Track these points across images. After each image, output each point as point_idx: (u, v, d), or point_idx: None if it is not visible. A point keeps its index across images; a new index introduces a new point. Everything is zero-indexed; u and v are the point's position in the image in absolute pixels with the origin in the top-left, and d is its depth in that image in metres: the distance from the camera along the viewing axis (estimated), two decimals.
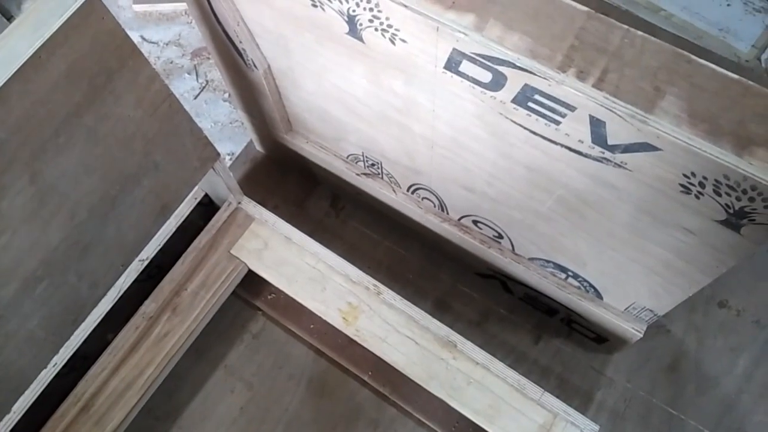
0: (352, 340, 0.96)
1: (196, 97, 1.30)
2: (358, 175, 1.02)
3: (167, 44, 1.35)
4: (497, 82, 0.61)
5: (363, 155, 0.97)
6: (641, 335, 0.91)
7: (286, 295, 1.01)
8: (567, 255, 0.86)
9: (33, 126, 0.62)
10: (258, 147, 1.20)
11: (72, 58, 0.62)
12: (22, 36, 0.59)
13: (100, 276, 0.78)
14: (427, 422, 0.98)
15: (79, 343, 0.86)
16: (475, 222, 0.94)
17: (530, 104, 0.61)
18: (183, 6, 1.37)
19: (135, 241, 0.81)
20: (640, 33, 0.57)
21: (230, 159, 1.22)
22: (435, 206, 0.97)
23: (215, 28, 0.83)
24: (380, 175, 1.00)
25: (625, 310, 0.89)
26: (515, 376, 0.89)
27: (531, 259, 0.94)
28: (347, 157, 1.01)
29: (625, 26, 0.57)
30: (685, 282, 0.73)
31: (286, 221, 1.02)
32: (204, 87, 1.30)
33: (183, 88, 1.30)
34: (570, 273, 0.90)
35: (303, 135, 1.04)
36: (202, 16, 0.82)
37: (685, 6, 1.18)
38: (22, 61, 0.58)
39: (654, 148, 0.56)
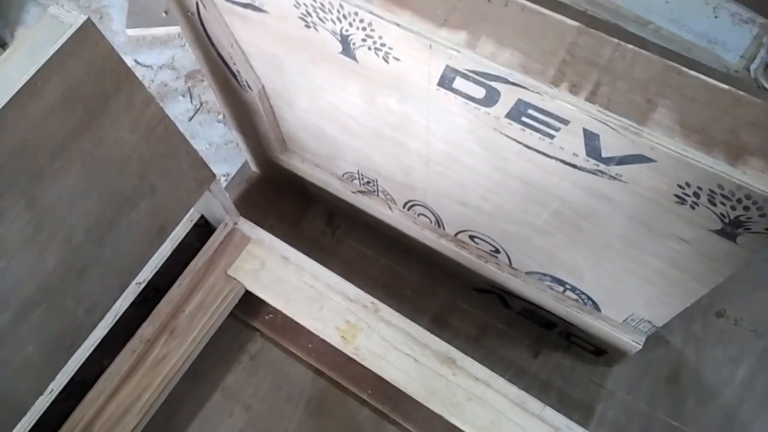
0: (350, 358, 0.96)
1: (190, 119, 1.30)
2: (353, 192, 1.02)
3: (161, 67, 1.35)
4: (491, 98, 0.61)
5: (358, 173, 0.97)
6: (640, 347, 0.91)
7: (284, 315, 1.00)
8: (564, 268, 0.86)
9: (29, 151, 0.62)
10: (253, 167, 1.21)
11: (67, 84, 0.62)
12: (17, 63, 0.59)
13: (97, 299, 0.78)
14: None
15: (76, 368, 0.85)
16: (471, 237, 0.94)
17: (524, 119, 0.61)
18: (176, 29, 1.38)
19: (132, 264, 0.81)
20: (630, 46, 0.57)
21: (226, 180, 1.22)
22: (431, 222, 0.97)
23: (209, 50, 0.84)
24: (376, 193, 1.00)
25: (624, 321, 0.90)
26: (516, 392, 0.89)
27: (528, 273, 0.94)
28: (343, 175, 1.02)
29: (615, 40, 0.58)
30: (682, 292, 0.74)
31: (283, 240, 1.02)
32: (198, 109, 1.30)
33: (177, 110, 1.31)
34: (568, 286, 0.90)
35: (298, 154, 1.04)
36: (196, 39, 0.83)
37: (673, 18, 1.19)
38: (18, 88, 0.59)
39: (648, 160, 0.56)
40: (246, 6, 0.72)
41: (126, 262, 0.79)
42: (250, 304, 1.02)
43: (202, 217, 1.00)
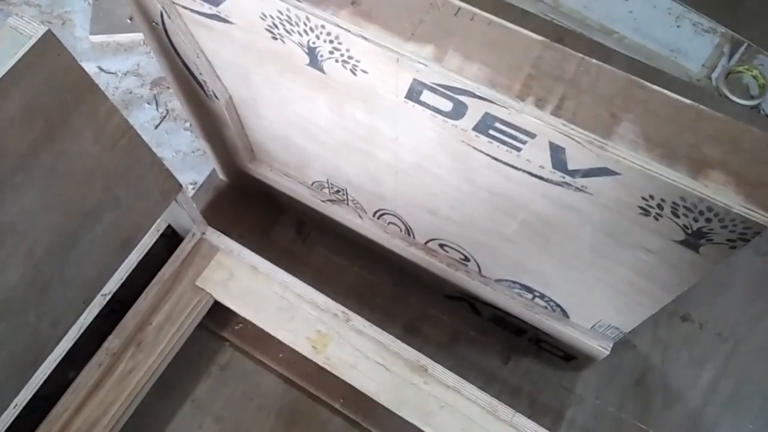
0: (321, 368, 0.95)
1: (156, 127, 1.28)
2: (323, 201, 1.02)
3: (126, 74, 1.33)
4: (458, 111, 0.62)
5: (328, 182, 0.97)
6: (608, 352, 0.92)
7: (254, 325, 1.00)
8: (533, 276, 0.87)
9: None
10: (221, 176, 1.19)
11: (28, 96, 0.61)
12: None
13: (61, 314, 0.76)
14: None
15: (40, 383, 0.83)
16: (441, 245, 0.94)
17: (491, 131, 0.62)
18: (141, 36, 1.35)
19: (97, 278, 0.79)
20: (594, 61, 0.58)
21: (193, 188, 1.21)
22: (401, 231, 0.98)
23: (174, 60, 0.83)
24: (346, 201, 1.00)
25: (592, 328, 0.91)
26: (486, 399, 0.89)
27: (498, 281, 0.94)
28: (312, 184, 1.01)
29: (580, 55, 0.58)
30: (648, 300, 0.75)
31: (252, 250, 1.01)
32: (164, 116, 1.29)
33: (143, 118, 1.29)
34: (536, 293, 0.91)
35: (267, 163, 1.04)
36: (161, 49, 0.82)
37: (637, 28, 1.21)
38: None
39: (613, 173, 0.57)
40: (212, 17, 0.71)
41: (90, 276, 0.78)
42: (219, 314, 1.01)
43: (169, 226, 0.98)
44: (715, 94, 1.31)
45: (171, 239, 1.00)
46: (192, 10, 0.72)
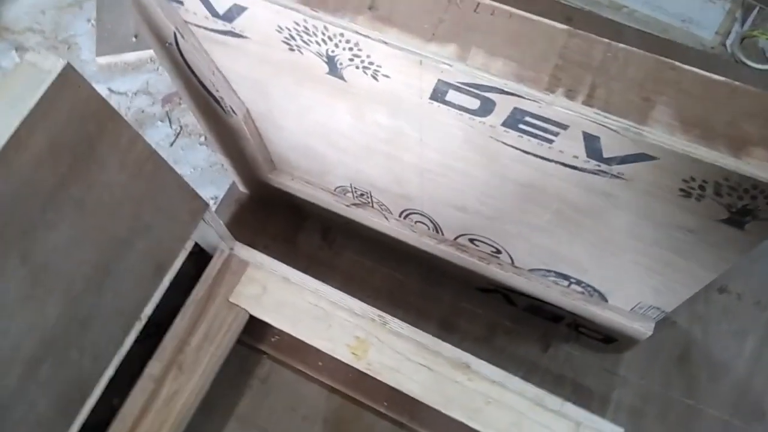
0: (363, 373, 0.95)
1: (172, 144, 1.28)
2: (347, 206, 1.01)
3: (136, 93, 1.33)
4: (486, 108, 0.61)
5: (351, 186, 0.96)
6: (651, 333, 0.91)
7: (291, 336, 0.99)
8: (568, 263, 0.86)
9: (19, 206, 0.61)
10: (241, 188, 1.19)
11: (53, 132, 0.61)
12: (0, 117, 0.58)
13: (102, 347, 0.77)
14: None
15: (87, 414, 0.84)
16: (471, 240, 0.94)
17: (521, 126, 0.61)
18: (148, 53, 1.35)
19: (134, 307, 0.79)
20: (621, 45, 0.57)
21: (214, 203, 1.21)
22: (429, 229, 0.97)
23: (189, 79, 0.82)
24: (370, 204, 0.99)
25: (632, 309, 0.90)
26: (533, 390, 0.89)
27: (531, 270, 0.94)
28: (335, 190, 1.01)
29: (606, 40, 0.57)
30: (689, 279, 0.74)
31: (279, 259, 1.00)
32: (179, 133, 1.28)
33: (158, 136, 1.29)
34: (572, 280, 0.90)
35: (288, 172, 1.03)
36: (175, 69, 0.81)
37: (647, 1, 1.19)
38: (3, 143, 0.57)
39: (651, 158, 0.56)
40: (226, 33, 0.70)
41: (128, 306, 0.78)
42: (254, 328, 1.01)
43: (196, 244, 0.98)
44: (731, 60, 1.29)
45: (199, 256, 1.00)
46: (206, 28, 0.71)
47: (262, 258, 0.98)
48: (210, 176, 1.25)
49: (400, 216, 0.98)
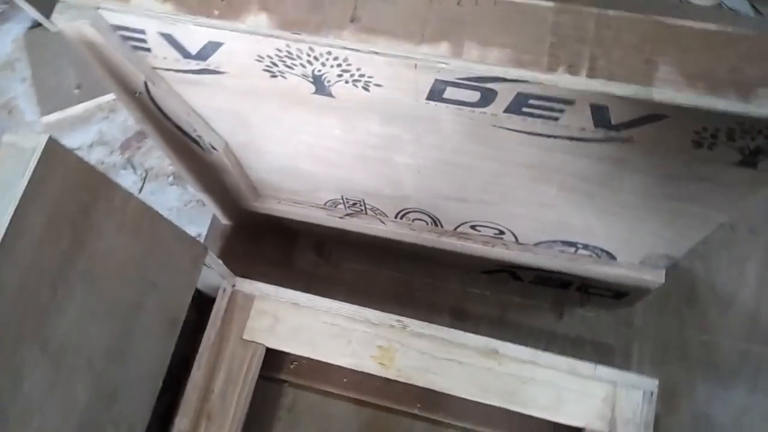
0: (390, 380, 0.94)
1: (140, 191, 1.24)
2: (341, 218, 1.00)
3: (91, 146, 1.28)
4: (486, 99, 0.60)
5: (343, 198, 0.94)
6: (662, 281, 0.92)
7: (310, 359, 0.98)
8: (574, 231, 0.86)
9: (29, 293, 0.57)
10: (224, 221, 1.16)
11: (48, 210, 0.57)
12: None
13: (134, 415, 0.74)
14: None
15: None
16: (473, 227, 0.93)
17: (524, 109, 0.60)
18: (95, 102, 1.30)
19: (156, 368, 0.76)
20: (611, 13, 0.57)
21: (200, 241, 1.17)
22: (428, 224, 0.96)
23: (163, 124, 0.79)
24: (364, 212, 0.98)
25: (641, 262, 0.91)
26: (564, 360, 0.89)
27: (537, 244, 0.94)
28: (325, 204, 0.99)
29: (595, 10, 0.57)
30: (701, 224, 0.75)
31: (278, 284, 0.98)
32: (145, 178, 1.24)
33: (124, 184, 1.23)
34: (579, 245, 0.90)
35: (273, 197, 1.01)
36: (147, 117, 0.78)
37: None
38: (2, 233, 0.53)
39: (661, 117, 0.56)
40: (200, 72, 0.68)
41: (151, 368, 0.75)
42: (271, 359, 0.98)
43: (196, 289, 0.95)
44: (677, 2, 1.31)
45: (198, 301, 0.97)
46: (177, 71, 0.68)
47: (267, 288, 0.96)
48: (187, 215, 1.21)
49: (396, 217, 0.97)
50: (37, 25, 1.37)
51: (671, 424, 1.00)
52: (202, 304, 0.98)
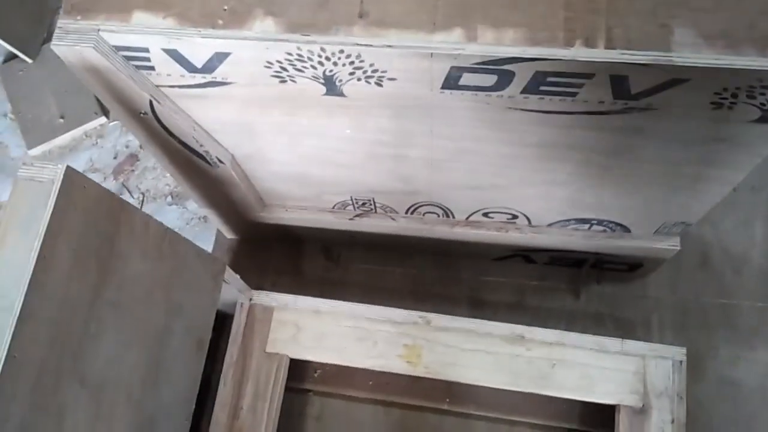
0: (416, 378, 0.94)
1: None
2: (350, 219, 0.99)
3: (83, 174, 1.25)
4: (504, 81, 0.59)
5: (352, 199, 0.93)
6: (678, 247, 0.92)
7: (333, 365, 0.97)
8: (589, 208, 0.86)
9: (64, 330, 0.56)
10: (228, 235, 1.14)
11: (73, 242, 0.56)
12: (17, 243, 0.52)
13: None
14: (522, 419, 0.97)
15: None
16: (485, 214, 0.93)
17: (542, 88, 0.60)
18: (81, 130, 1.27)
19: (188, 390, 0.75)
20: None
21: None
22: (440, 216, 0.95)
23: (168, 142, 0.77)
24: (374, 210, 0.97)
25: (656, 232, 0.91)
26: (590, 339, 0.89)
27: (550, 225, 0.94)
28: (334, 207, 0.98)
29: None
30: (718, 186, 0.75)
31: (291, 292, 0.97)
32: (143, 200, 1.22)
33: None
34: (593, 221, 0.90)
35: (280, 205, 0.99)
36: (152, 137, 0.76)
37: None
38: (30, 270, 0.52)
39: (682, 81, 0.56)
40: (205, 85, 0.66)
41: (183, 391, 0.74)
42: (294, 369, 0.97)
43: None
44: None
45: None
46: (181, 86, 0.67)
47: (285, 298, 0.95)
48: (190, 233, 1.19)
49: (407, 212, 0.96)
50: (11, 57, 1.34)
51: (698, 391, 1.00)
52: (216, 321, 0.96)
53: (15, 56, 1.33)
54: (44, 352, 0.53)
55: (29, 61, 1.33)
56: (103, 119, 1.29)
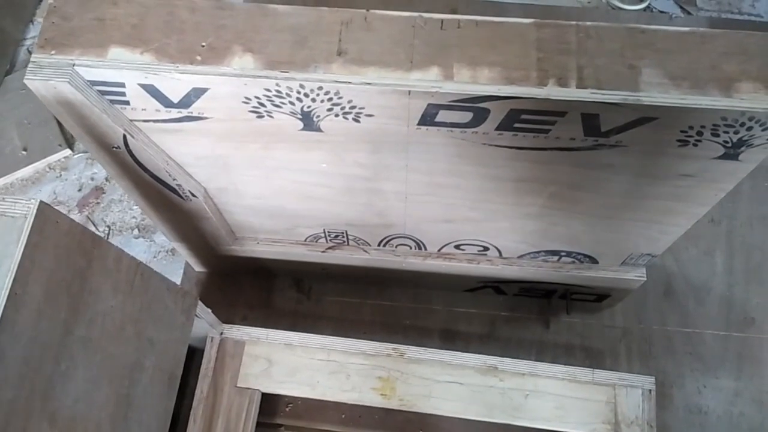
0: (389, 411, 0.93)
1: None
2: (323, 252, 0.98)
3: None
4: (479, 118, 0.61)
5: (325, 231, 0.94)
6: (644, 278, 0.95)
7: (304, 399, 0.96)
8: (559, 240, 0.88)
9: (34, 368, 0.54)
10: (198, 268, 1.13)
11: (45, 279, 0.55)
12: None
13: None
14: None
15: None
16: (457, 246, 0.94)
17: (516, 125, 0.61)
18: (44, 162, 1.25)
19: (158, 426, 0.73)
20: (588, 23, 0.59)
21: None
22: (412, 248, 0.96)
23: (140, 177, 0.77)
24: (346, 243, 0.97)
25: (623, 263, 0.93)
26: (562, 369, 0.90)
27: (521, 257, 0.95)
28: (306, 240, 0.97)
29: (573, 22, 0.59)
30: (683, 219, 0.77)
31: (263, 327, 0.96)
32: (108, 234, 1.20)
33: None
34: (562, 253, 0.92)
35: (252, 238, 0.99)
36: (123, 171, 0.76)
37: None
38: (1, 309, 0.50)
39: (650, 119, 0.58)
40: (181, 120, 0.66)
41: (153, 428, 0.72)
42: (265, 403, 0.96)
43: None
44: (609, 9, 1.38)
45: None
46: (156, 121, 0.67)
47: (257, 331, 0.94)
48: (158, 266, 1.17)
49: (379, 245, 0.96)
50: None
51: (666, 419, 1.02)
52: (189, 356, 0.94)
53: None
54: (13, 392, 0.52)
55: None
56: (67, 151, 1.27)
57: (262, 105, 0.62)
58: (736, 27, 1.35)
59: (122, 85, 0.62)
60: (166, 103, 0.64)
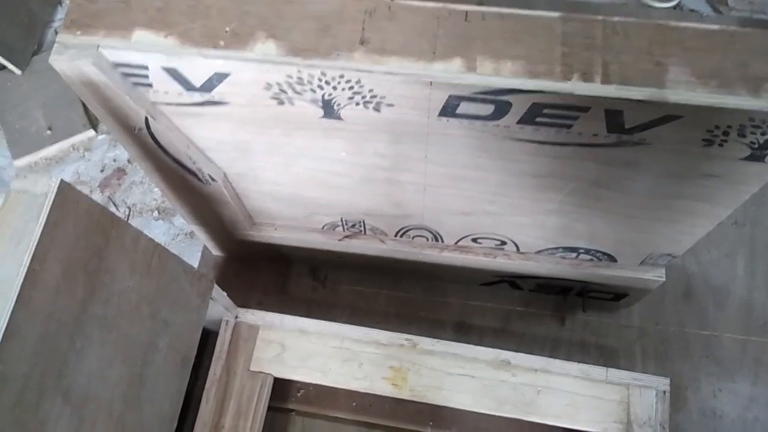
0: (400, 400, 0.93)
1: None
2: (339, 240, 0.98)
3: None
4: (500, 111, 0.60)
5: (342, 220, 0.94)
6: (663, 279, 0.93)
7: (316, 386, 0.96)
8: (577, 236, 0.87)
9: (49, 345, 0.55)
10: (215, 252, 1.14)
11: (63, 256, 0.55)
12: (6, 256, 0.52)
13: None
14: None
15: None
16: (474, 240, 0.93)
17: (538, 119, 0.60)
18: (68, 142, 1.27)
19: (171, 408, 0.74)
20: (616, 19, 0.58)
21: None
22: (429, 240, 0.96)
23: (161, 159, 0.77)
24: (363, 232, 0.97)
25: (642, 263, 0.92)
26: (576, 366, 0.90)
27: (538, 252, 0.94)
28: (323, 228, 0.98)
29: (600, 17, 0.58)
30: (706, 220, 0.76)
31: (276, 311, 0.96)
32: (129, 215, 1.21)
33: None
34: (581, 250, 0.91)
35: (269, 224, 0.99)
36: (144, 153, 0.76)
37: None
38: (19, 283, 0.51)
39: (675, 118, 0.57)
40: (203, 104, 0.66)
41: (165, 409, 0.73)
42: (277, 388, 0.97)
43: None
44: (639, 6, 1.35)
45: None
46: (178, 104, 0.67)
47: (272, 316, 0.94)
48: (176, 249, 1.18)
49: (396, 235, 0.96)
50: (0, 68, 1.33)
51: (680, 421, 1.01)
52: (200, 338, 0.95)
53: (3, 67, 1.32)
54: (28, 368, 0.53)
55: (18, 72, 1.32)
56: (91, 132, 1.28)
57: (284, 92, 0.62)
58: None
59: (145, 67, 0.62)
60: (189, 86, 0.64)
